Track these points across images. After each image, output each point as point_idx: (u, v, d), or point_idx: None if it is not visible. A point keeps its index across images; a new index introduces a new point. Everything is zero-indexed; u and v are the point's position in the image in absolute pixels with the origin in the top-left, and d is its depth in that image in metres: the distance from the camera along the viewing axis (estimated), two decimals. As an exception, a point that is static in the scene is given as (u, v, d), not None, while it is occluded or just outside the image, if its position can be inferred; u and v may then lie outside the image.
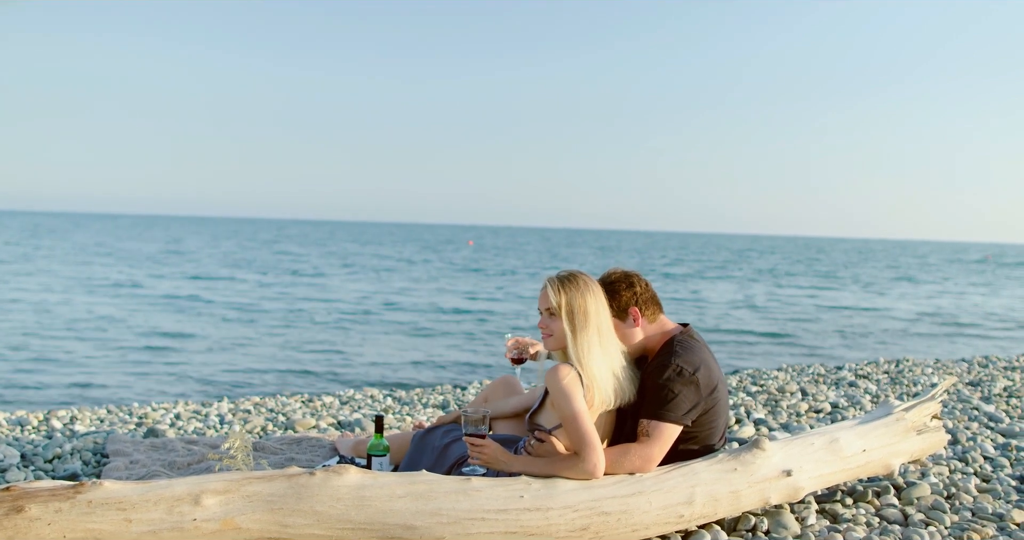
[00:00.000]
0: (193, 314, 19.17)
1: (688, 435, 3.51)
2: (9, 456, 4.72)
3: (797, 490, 3.64)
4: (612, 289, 3.60)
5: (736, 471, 3.48)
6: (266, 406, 6.79)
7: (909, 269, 55.22)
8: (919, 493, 4.13)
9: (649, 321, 3.64)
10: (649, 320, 3.64)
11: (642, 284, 3.65)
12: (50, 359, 12.59)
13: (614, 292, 3.60)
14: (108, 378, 11.27)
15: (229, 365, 12.48)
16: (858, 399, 7.06)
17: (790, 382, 8.13)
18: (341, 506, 2.88)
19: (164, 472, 4.32)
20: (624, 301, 3.60)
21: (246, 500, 2.81)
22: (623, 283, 3.63)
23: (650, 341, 3.66)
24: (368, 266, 42.01)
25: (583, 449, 3.19)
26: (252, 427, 5.74)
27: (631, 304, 3.60)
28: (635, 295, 3.61)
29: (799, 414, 6.48)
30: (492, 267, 44.30)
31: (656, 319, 3.67)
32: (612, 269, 3.72)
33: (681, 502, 3.32)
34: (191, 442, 5.08)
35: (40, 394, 10.21)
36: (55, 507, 2.61)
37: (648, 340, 3.66)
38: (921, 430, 4.26)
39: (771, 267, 52.26)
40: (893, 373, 9.05)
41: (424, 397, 7.39)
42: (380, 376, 11.88)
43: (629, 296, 3.61)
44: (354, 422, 5.96)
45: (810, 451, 3.75)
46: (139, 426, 5.86)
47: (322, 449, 4.93)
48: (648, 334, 3.65)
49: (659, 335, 3.65)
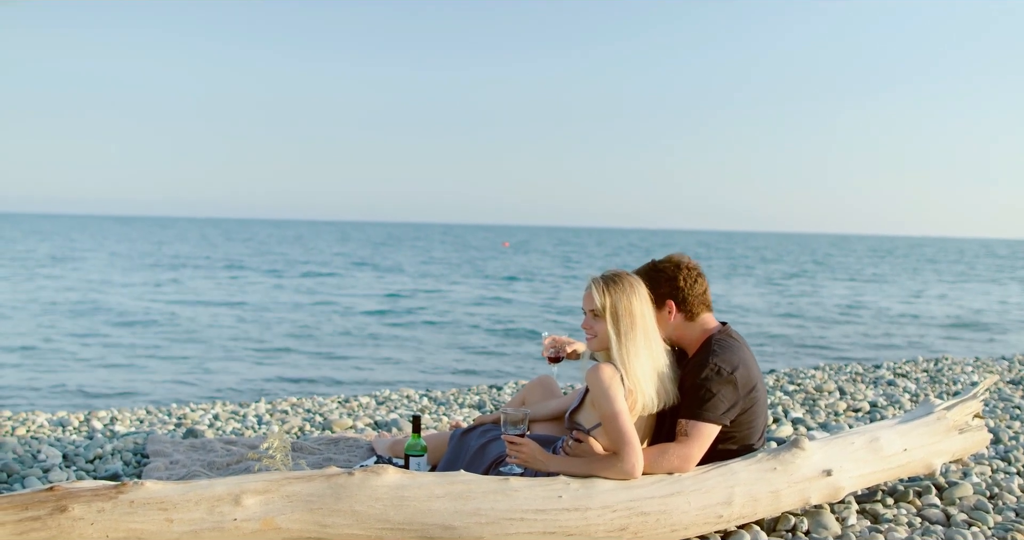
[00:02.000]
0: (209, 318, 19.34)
1: (727, 435, 3.48)
2: (52, 456, 4.78)
3: (837, 490, 3.60)
4: (654, 277, 3.57)
5: (775, 471, 3.45)
6: (303, 406, 6.83)
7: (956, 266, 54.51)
8: (961, 493, 4.08)
9: (688, 318, 3.60)
10: (688, 317, 3.60)
11: (688, 280, 3.57)
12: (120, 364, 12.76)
13: (655, 280, 3.56)
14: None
15: (258, 369, 12.58)
16: (897, 398, 6.98)
17: (828, 381, 8.05)
18: (380, 506, 2.89)
19: (204, 472, 4.36)
20: (663, 292, 3.56)
21: (286, 500, 2.82)
22: (667, 274, 3.58)
23: (689, 338, 3.62)
24: (396, 266, 42.16)
25: (622, 449, 3.17)
26: (290, 427, 5.77)
27: (668, 297, 3.57)
28: (675, 289, 3.56)
29: (837, 413, 6.42)
30: (529, 268, 44.25)
31: (698, 318, 3.61)
32: (672, 255, 3.66)
33: (720, 502, 3.29)
34: (230, 442, 5.12)
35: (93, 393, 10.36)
36: (98, 507, 2.63)
37: (687, 337, 3.62)
38: (963, 429, 4.20)
39: (805, 265, 51.82)
40: (932, 371, 8.94)
41: (460, 397, 7.40)
42: (415, 376, 11.92)
43: (668, 289, 3.57)
44: (391, 422, 5.98)
45: (850, 450, 3.71)
46: (178, 426, 5.92)
47: (359, 449, 4.95)
48: (687, 331, 3.62)
49: (699, 333, 3.61)
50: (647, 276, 3.58)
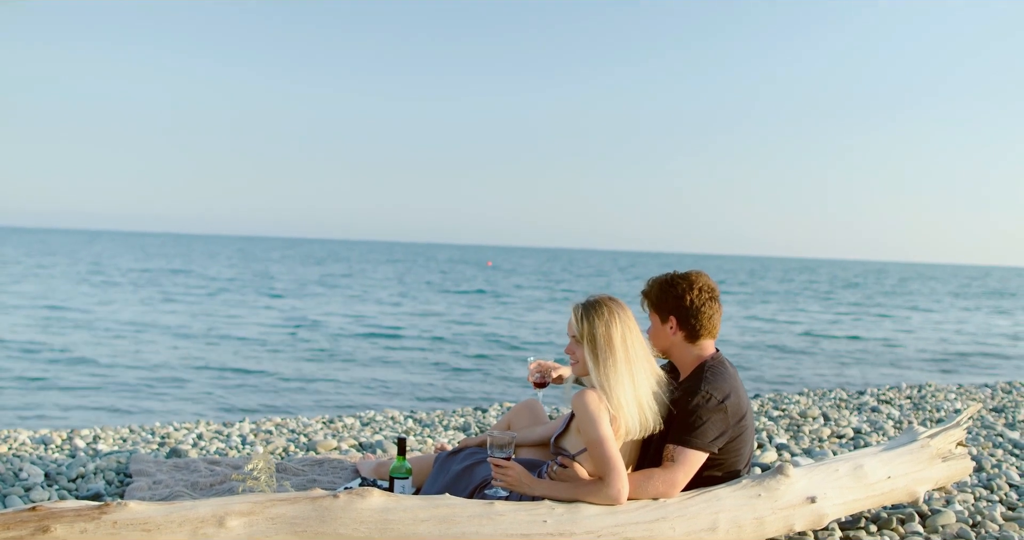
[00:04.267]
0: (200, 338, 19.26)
1: (714, 462, 3.48)
2: (33, 475, 4.75)
3: (821, 517, 3.61)
4: (666, 289, 3.58)
5: (760, 497, 3.45)
6: (287, 427, 6.80)
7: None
8: (944, 521, 4.09)
9: (688, 339, 3.58)
10: (688, 338, 3.58)
11: (697, 301, 3.54)
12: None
13: (666, 292, 3.57)
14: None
15: (247, 385, 12.52)
16: (880, 424, 7.00)
17: (812, 407, 8.07)
18: (364, 529, 2.88)
19: (187, 493, 4.33)
20: (668, 306, 3.57)
21: (270, 522, 2.81)
22: (676, 290, 3.56)
23: (683, 360, 3.62)
24: (382, 286, 42.11)
25: (608, 474, 3.17)
26: (274, 448, 5.75)
27: (671, 312, 3.56)
28: (680, 307, 3.54)
29: (821, 439, 6.44)
30: (506, 288, 44.27)
31: (698, 342, 3.59)
32: (692, 273, 3.62)
33: (705, 528, 3.30)
34: (214, 462, 5.09)
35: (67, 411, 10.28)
36: (80, 528, 2.62)
37: (682, 358, 3.62)
38: (946, 457, 4.23)
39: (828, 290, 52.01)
40: (916, 398, 8.98)
41: (445, 419, 7.38)
42: (400, 398, 11.89)
43: (674, 305, 3.56)
44: (375, 443, 5.96)
45: (835, 477, 3.72)
46: (161, 446, 5.89)
47: (344, 471, 4.94)
48: (683, 352, 3.61)
49: (694, 357, 3.60)
50: (659, 286, 3.59)
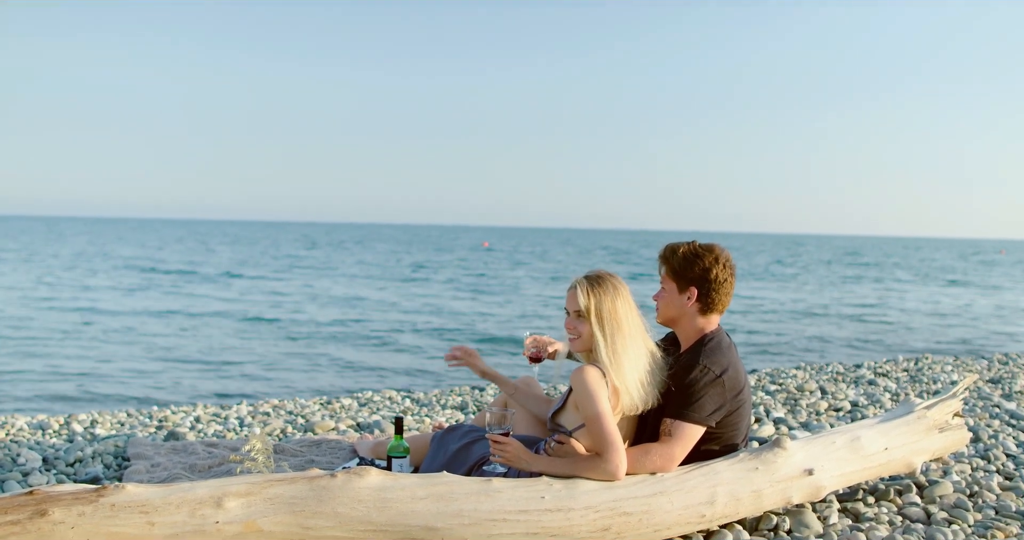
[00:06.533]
0: (196, 323, 19.25)
1: (711, 435, 3.49)
2: (31, 460, 4.74)
3: (819, 489, 3.62)
4: (690, 259, 3.51)
5: (758, 470, 3.46)
6: (285, 408, 6.80)
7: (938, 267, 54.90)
8: (941, 491, 4.11)
9: (701, 311, 3.55)
10: (701, 311, 3.55)
11: (721, 276, 3.50)
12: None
13: (690, 262, 3.51)
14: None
15: (242, 369, 12.53)
16: (878, 397, 7.02)
17: (809, 381, 8.09)
18: (362, 508, 2.88)
19: (185, 475, 4.33)
20: (692, 276, 3.51)
21: (268, 502, 2.81)
22: (703, 263, 3.50)
23: (687, 330, 3.61)
24: (380, 268, 42.09)
25: (606, 450, 3.17)
26: (271, 429, 5.75)
27: (694, 284, 3.51)
28: (705, 280, 3.49)
29: (819, 413, 6.45)
30: (499, 269, 44.27)
31: (708, 315, 3.56)
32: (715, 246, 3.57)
33: (702, 502, 3.30)
34: (211, 445, 5.09)
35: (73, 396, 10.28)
36: (78, 510, 2.61)
37: (686, 328, 3.60)
38: (943, 428, 4.24)
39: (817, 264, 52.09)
40: (912, 371, 9.00)
41: (442, 398, 7.39)
42: (396, 378, 11.89)
43: (698, 276, 3.50)
44: (373, 424, 5.96)
45: (832, 450, 3.73)
46: (159, 429, 5.89)
47: (342, 451, 4.94)
48: (690, 323, 3.58)
49: (697, 330, 3.58)
50: (684, 255, 3.53)
